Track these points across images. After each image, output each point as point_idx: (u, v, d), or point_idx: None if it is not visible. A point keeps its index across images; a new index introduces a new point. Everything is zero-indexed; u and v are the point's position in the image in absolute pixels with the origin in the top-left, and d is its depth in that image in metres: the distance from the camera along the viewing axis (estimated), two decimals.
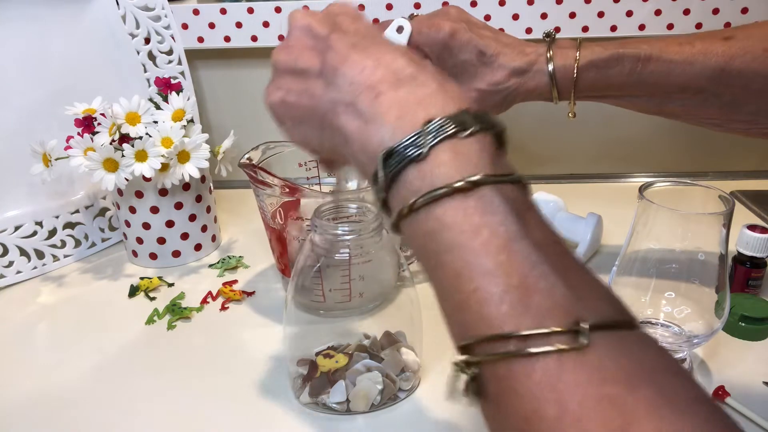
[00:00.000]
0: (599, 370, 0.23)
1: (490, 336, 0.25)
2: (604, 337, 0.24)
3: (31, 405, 0.49)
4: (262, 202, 0.58)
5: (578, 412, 0.22)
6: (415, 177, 0.28)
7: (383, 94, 0.30)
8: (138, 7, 0.75)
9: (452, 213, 0.26)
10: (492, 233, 0.26)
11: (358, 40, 0.33)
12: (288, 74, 0.36)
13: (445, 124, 0.28)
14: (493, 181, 0.27)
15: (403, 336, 0.49)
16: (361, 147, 0.30)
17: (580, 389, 0.22)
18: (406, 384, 0.48)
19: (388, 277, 0.52)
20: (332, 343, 0.49)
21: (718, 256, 0.45)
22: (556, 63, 0.50)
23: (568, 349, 0.23)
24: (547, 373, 0.23)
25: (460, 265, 0.26)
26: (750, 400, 0.46)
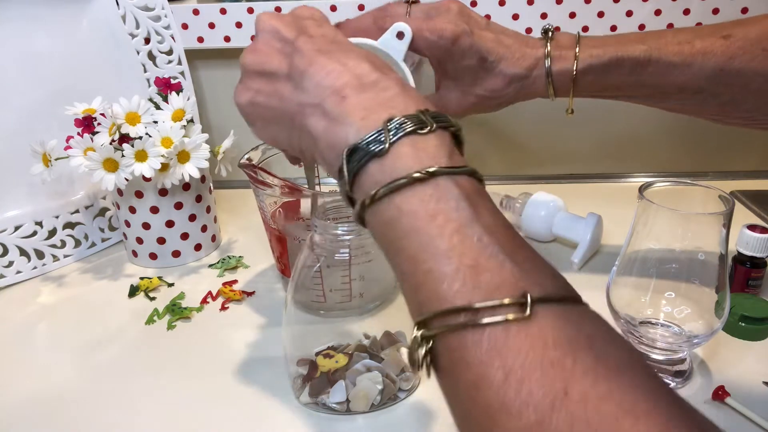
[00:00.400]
0: (542, 338, 0.24)
1: (444, 310, 0.26)
2: (548, 309, 0.25)
3: (31, 405, 0.49)
4: (262, 202, 0.58)
5: (521, 374, 0.24)
6: (377, 170, 0.30)
7: (348, 97, 0.32)
8: (138, 7, 0.75)
9: (410, 201, 0.29)
10: (446, 218, 0.28)
11: (324, 45, 0.35)
12: (256, 76, 0.38)
13: (405, 122, 0.30)
14: (448, 172, 0.29)
15: (403, 336, 0.49)
16: (328, 145, 0.32)
17: (523, 354, 0.24)
18: (406, 384, 0.48)
19: (388, 278, 0.52)
20: (332, 343, 0.49)
21: (718, 256, 0.45)
22: (554, 68, 0.51)
23: (513, 320, 0.25)
24: (494, 341, 0.25)
25: (416, 249, 0.28)
26: (750, 400, 0.46)
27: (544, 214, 0.69)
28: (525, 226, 0.71)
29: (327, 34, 0.37)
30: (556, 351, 0.24)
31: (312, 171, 0.52)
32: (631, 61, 0.49)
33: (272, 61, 0.37)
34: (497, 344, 0.25)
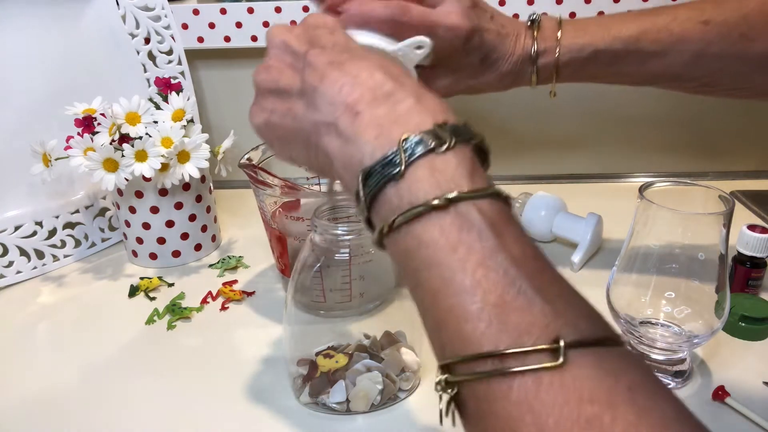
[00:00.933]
0: (577, 390, 0.22)
1: (469, 356, 0.24)
2: (583, 355, 0.23)
3: (31, 405, 0.49)
4: (262, 202, 0.58)
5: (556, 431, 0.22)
6: (394, 195, 0.28)
7: (361, 113, 0.30)
8: (138, 7, 0.75)
9: (430, 230, 0.26)
10: (468, 249, 0.26)
11: (335, 56, 0.33)
12: (270, 94, 0.36)
13: (421, 141, 0.28)
14: (469, 197, 0.27)
15: (403, 336, 0.49)
16: (344, 166, 0.31)
17: (557, 409, 0.22)
18: (406, 384, 0.48)
19: (388, 278, 0.52)
20: (332, 343, 0.49)
21: (718, 256, 0.45)
22: (540, 62, 0.52)
23: (545, 368, 0.23)
24: (525, 392, 0.23)
25: (438, 283, 0.26)
26: (750, 400, 0.46)
27: (544, 214, 0.69)
28: (525, 226, 0.71)
29: (339, 42, 0.35)
30: (593, 406, 0.22)
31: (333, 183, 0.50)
32: (610, 54, 0.51)
33: (284, 78, 0.35)
34: (528, 397, 0.23)
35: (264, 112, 0.37)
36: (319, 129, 0.32)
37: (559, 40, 0.51)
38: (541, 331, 0.24)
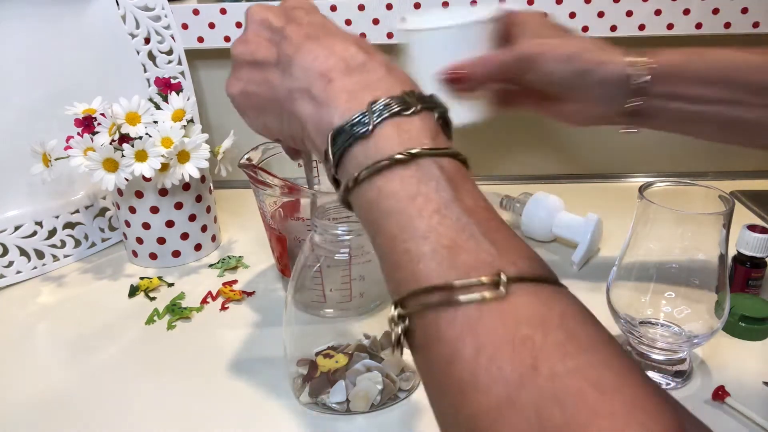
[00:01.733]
0: (514, 316, 0.25)
1: (420, 289, 0.27)
2: (522, 288, 0.26)
3: (31, 405, 0.49)
4: (261, 203, 0.58)
5: (492, 351, 0.24)
6: (360, 152, 0.30)
7: (335, 80, 0.32)
8: (138, 7, 0.75)
9: (391, 182, 0.29)
10: (426, 199, 0.28)
11: (311, 31, 0.35)
12: (247, 66, 0.38)
13: (389, 104, 0.30)
14: (430, 153, 0.29)
15: None
16: (315, 128, 0.33)
17: (494, 331, 0.25)
18: (406, 384, 0.48)
19: None
20: (332, 343, 0.49)
21: (718, 256, 0.45)
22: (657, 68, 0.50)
23: (488, 298, 0.25)
24: (468, 319, 0.25)
25: (395, 229, 0.28)
26: (750, 400, 0.46)
27: (544, 214, 0.69)
28: (525, 226, 0.71)
29: (315, 21, 0.37)
30: (527, 328, 0.24)
31: (311, 170, 0.52)
32: (703, 74, 0.49)
33: (261, 50, 0.37)
34: (470, 321, 0.25)
35: (240, 82, 0.38)
36: (293, 95, 0.34)
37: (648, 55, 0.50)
38: (486, 268, 0.26)
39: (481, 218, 0.28)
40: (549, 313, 0.25)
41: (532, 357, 0.23)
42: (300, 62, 0.34)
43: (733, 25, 0.79)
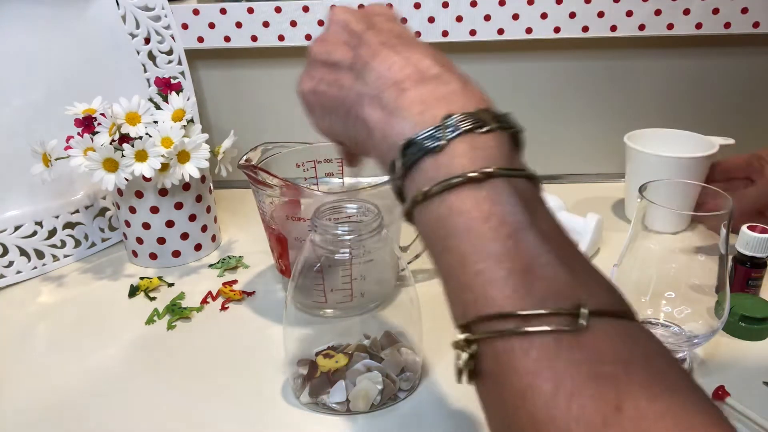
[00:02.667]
0: (595, 352, 0.24)
1: (491, 315, 0.25)
2: (602, 323, 0.24)
3: (30, 405, 0.49)
4: (261, 203, 0.58)
5: (572, 387, 0.23)
6: (431, 166, 0.29)
7: (408, 90, 0.31)
8: (138, 7, 0.75)
9: (464, 200, 0.28)
10: (501, 221, 0.27)
11: (389, 39, 0.35)
12: (321, 65, 0.38)
13: (464, 120, 0.29)
14: (505, 174, 0.28)
15: (403, 336, 0.49)
16: (383, 136, 0.32)
17: (575, 367, 0.23)
18: (407, 384, 0.48)
19: (388, 277, 0.52)
20: (332, 343, 0.49)
21: (718, 256, 0.45)
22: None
23: (566, 330, 0.24)
24: (545, 350, 0.24)
25: (467, 248, 0.27)
26: (750, 400, 0.46)
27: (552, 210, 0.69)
28: None
29: (394, 30, 0.36)
30: (611, 366, 0.23)
31: (360, 169, 0.51)
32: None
33: (338, 51, 0.37)
34: (548, 354, 0.24)
35: (312, 80, 0.38)
36: (362, 99, 0.34)
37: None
38: (564, 298, 0.25)
39: (557, 245, 0.27)
40: (632, 350, 0.24)
41: (617, 397, 0.22)
42: (374, 68, 0.33)
43: (733, 26, 0.79)
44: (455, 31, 0.80)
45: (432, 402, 0.47)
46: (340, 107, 0.36)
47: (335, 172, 0.64)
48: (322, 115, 0.38)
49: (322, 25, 0.81)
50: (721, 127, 0.85)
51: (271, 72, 0.87)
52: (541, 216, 0.28)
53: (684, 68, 0.85)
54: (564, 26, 0.80)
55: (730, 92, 0.86)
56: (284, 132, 0.81)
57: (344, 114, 0.36)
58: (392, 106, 0.31)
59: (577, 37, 0.80)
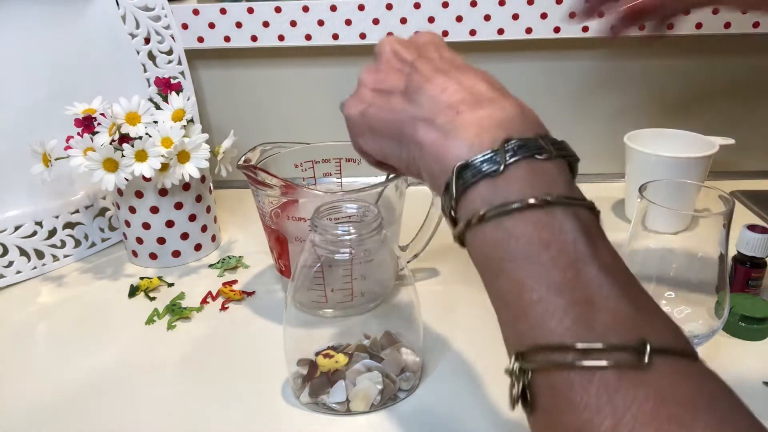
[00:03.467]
0: (659, 390, 0.23)
1: (550, 345, 0.25)
2: (666, 361, 0.24)
3: (30, 405, 0.49)
4: (260, 203, 0.58)
5: (633, 425, 0.22)
6: (488, 191, 0.29)
7: (464, 113, 0.31)
8: (138, 7, 0.75)
9: (522, 226, 0.27)
10: (561, 250, 0.26)
11: (442, 65, 0.35)
12: (371, 91, 0.38)
13: (523, 145, 0.29)
14: (565, 202, 0.28)
15: (403, 336, 0.49)
16: (436, 159, 0.31)
17: (637, 404, 0.22)
18: (406, 384, 0.48)
19: (388, 277, 0.52)
20: (332, 343, 0.49)
21: (718, 256, 0.45)
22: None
23: (628, 366, 0.23)
24: (606, 385, 0.23)
25: (525, 275, 0.26)
26: (750, 400, 0.45)
27: None
28: None
29: (445, 56, 0.37)
30: (674, 406, 0.22)
31: None
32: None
33: (390, 79, 0.37)
34: (608, 389, 0.23)
35: (362, 104, 0.38)
36: (416, 122, 0.33)
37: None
38: (627, 332, 0.24)
39: (620, 278, 0.26)
40: (698, 392, 0.23)
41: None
42: (428, 92, 0.33)
43: (733, 25, 0.79)
44: (455, 31, 0.80)
45: (432, 402, 0.48)
46: (392, 129, 0.35)
47: (333, 172, 0.64)
48: (373, 138, 0.38)
49: (322, 25, 0.81)
50: (721, 127, 0.85)
51: (271, 72, 0.87)
52: (602, 248, 0.27)
53: (684, 68, 0.85)
54: (564, 26, 0.80)
55: (730, 92, 0.86)
56: (284, 132, 0.81)
57: (396, 136, 0.35)
58: (447, 128, 0.31)
59: (577, 37, 0.80)
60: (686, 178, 0.67)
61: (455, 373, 0.50)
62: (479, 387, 0.49)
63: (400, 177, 0.54)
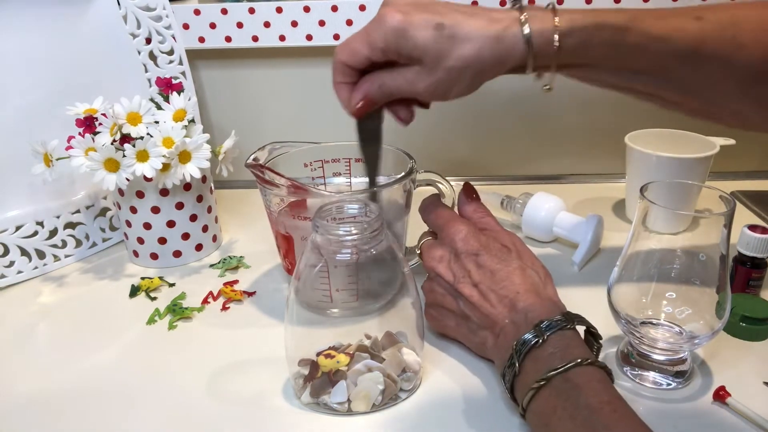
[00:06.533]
0: None
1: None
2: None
3: (31, 405, 0.49)
4: (268, 202, 0.58)
5: None
6: (541, 356, 0.42)
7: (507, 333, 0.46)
8: (139, 7, 0.75)
9: (581, 376, 0.40)
10: (610, 399, 0.39)
11: (483, 285, 0.48)
12: (437, 306, 0.52)
13: (558, 321, 0.44)
14: (598, 364, 0.41)
15: (404, 336, 0.49)
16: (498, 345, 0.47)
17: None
18: (408, 384, 0.48)
19: (392, 277, 0.52)
20: (333, 344, 0.49)
21: (718, 257, 0.45)
22: (533, 26, 0.44)
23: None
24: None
25: None
26: (750, 400, 0.46)
27: (545, 214, 0.69)
28: (525, 226, 0.71)
29: (484, 265, 0.49)
30: None
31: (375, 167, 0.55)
32: (612, 27, 0.45)
33: (446, 301, 0.51)
34: None
35: (434, 320, 0.54)
36: (480, 333, 0.49)
37: (553, 11, 0.46)
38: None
39: None
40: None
41: None
42: (478, 321, 0.49)
43: None
44: None
45: (433, 402, 0.48)
46: (460, 332, 0.52)
47: (343, 172, 0.64)
48: (447, 331, 0.54)
49: (323, 26, 0.81)
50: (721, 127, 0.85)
51: (272, 72, 0.87)
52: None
53: None
54: None
55: None
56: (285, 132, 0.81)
57: (464, 334, 0.52)
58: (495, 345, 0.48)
59: None
60: (687, 178, 0.67)
61: (456, 372, 0.51)
62: (480, 386, 0.49)
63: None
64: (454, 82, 0.46)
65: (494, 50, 0.45)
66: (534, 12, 0.45)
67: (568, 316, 0.44)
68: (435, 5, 0.46)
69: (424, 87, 0.47)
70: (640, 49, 0.46)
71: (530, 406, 0.41)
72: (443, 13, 0.45)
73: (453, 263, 0.50)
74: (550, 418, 0.39)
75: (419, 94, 0.48)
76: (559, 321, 0.43)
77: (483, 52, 0.45)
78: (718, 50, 0.46)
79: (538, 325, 0.43)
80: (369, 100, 0.49)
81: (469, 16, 0.45)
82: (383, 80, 0.48)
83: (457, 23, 0.45)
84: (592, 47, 0.46)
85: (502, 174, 0.89)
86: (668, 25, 0.46)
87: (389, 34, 0.45)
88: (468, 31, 0.44)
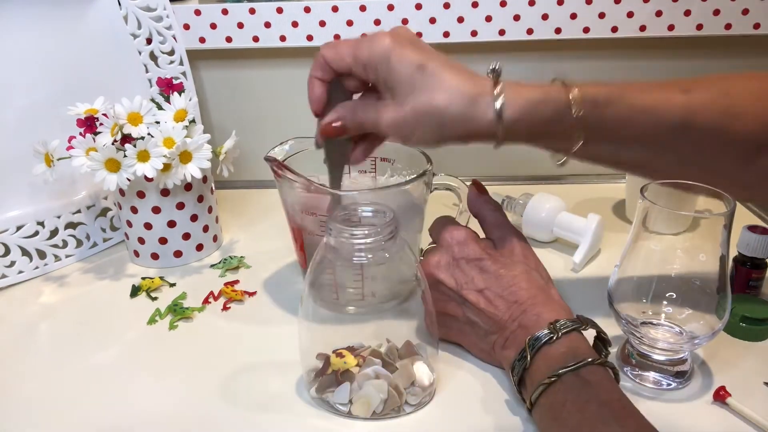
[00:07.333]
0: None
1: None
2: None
3: (31, 405, 0.49)
4: (285, 196, 0.58)
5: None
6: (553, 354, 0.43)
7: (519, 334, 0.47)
8: (140, 8, 0.75)
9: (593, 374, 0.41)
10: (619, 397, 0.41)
11: (484, 288, 0.49)
12: (444, 314, 0.51)
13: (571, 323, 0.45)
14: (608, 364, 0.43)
15: (423, 349, 0.48)
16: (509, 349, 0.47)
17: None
18: (414, 399, 0.47)
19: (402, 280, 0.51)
20: (352, 343, 0.48)
21: (719, 257, 0.45)
22: (507, 97, 0.45)
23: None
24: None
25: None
26: (750, 400, 0.46)
27: (545, 214, 0.69)
28: (526, 226, 0.71)
29: (485, 269, 0.49)
30: None
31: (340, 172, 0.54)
32: (591, 102, 0.45)
33: (449, 307, 0.51)
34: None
35: (444, 327, 0.52)
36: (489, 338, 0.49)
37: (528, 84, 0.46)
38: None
39: None
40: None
41: None
42: (483, 325, 0.49)
43: (734, 27, 0.79)
44: (456, 32, 0.81)
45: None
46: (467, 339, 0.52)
47: (368, 170, 0.64)
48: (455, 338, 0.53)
49: (323, 26, 0.81)
50: None
51: (273, 72, 0.87)
52: None
53: (685, 69, 0.85)
54: (565, 27, 0.80)
55: None
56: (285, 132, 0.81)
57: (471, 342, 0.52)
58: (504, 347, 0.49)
59: (578, 38, 0.81)
60: None
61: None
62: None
63: None
64: (417, 124, 0.46)
65: (462, 108, 0.45)
66: (510, 85, 0.45)
67: (583, 320, 0.46)
68: (432, 51, 0.47)
69: (389, 121, 0.47)
70: (625, 122, 0.46)
71: (539, 400, 0.42)
72: (432, 59, 0.46)
73: (454, 268, 0.50)
74: (559, 412, 0.40)
75: (383, 128, 0.48)
76: (574, 322, 0.45)
77: (451, 107, 0.45)
78: (711, 121, 0.46)
79: (553, 324, 0.44)
80: (341, 125, 0.50)
81: (454, 71, 0.46)
82: (356, 110, 0.50)
83: (440, 71, 0.45)
84: (567, 121, 0.45)
85: (503, 174, 0.89)
86: (653, 97, 0.46)
87: (375, 54, 0.46)
88: (445, 81, 0.45)
